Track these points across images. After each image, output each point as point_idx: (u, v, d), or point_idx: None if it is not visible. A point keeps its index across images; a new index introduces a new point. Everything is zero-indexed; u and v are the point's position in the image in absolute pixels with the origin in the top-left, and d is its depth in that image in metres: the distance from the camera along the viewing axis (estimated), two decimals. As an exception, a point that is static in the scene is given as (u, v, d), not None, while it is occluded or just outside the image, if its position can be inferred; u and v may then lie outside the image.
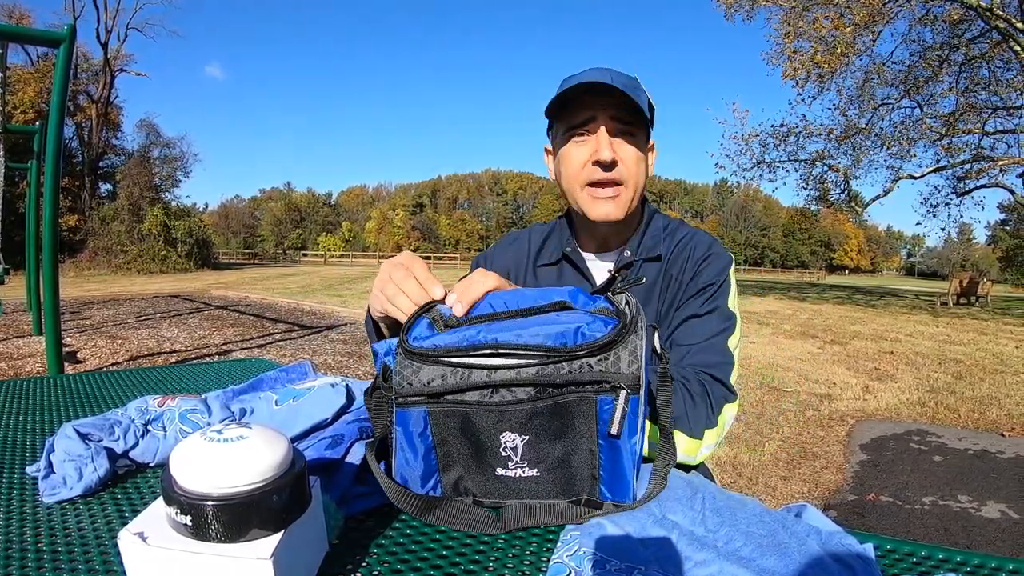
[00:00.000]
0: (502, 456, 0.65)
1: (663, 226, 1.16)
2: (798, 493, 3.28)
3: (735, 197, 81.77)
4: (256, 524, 0.45)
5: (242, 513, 0.45)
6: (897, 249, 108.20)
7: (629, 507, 0.65)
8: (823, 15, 14.81)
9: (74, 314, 9.50)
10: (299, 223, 73.87)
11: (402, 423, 0.65)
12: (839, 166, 18.05)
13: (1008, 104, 15.92)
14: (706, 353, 0.98)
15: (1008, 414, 4.93)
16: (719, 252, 1.09)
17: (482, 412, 0.63)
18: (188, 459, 0.46)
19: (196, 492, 0.44)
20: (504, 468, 0.65)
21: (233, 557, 0.44)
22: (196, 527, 0.45)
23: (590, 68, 1.03)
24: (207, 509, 0.44)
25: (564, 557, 0.58)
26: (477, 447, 0.65)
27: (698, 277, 1.06)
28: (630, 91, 0.98)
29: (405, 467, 0.68)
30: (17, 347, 6.53)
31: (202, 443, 0.47)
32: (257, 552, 0.44)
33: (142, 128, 32.37)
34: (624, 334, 0.62)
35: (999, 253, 60.86)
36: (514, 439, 0.63)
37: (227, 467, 0.45)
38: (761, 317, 12.03)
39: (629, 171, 1.04)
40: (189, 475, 0.45)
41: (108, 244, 25.38)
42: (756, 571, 0.54)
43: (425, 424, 0.65)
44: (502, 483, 0.66)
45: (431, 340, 0.64)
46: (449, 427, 0.64)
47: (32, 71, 26.80)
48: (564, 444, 0.64)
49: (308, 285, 17.77)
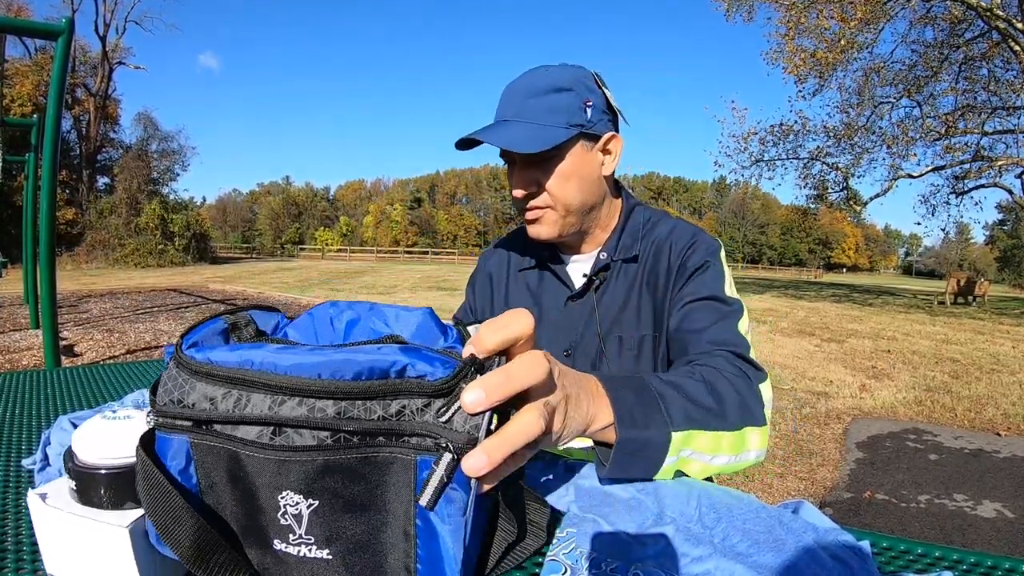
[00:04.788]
0: (281, 524, 0.48)
1: (643, 222, 1.12)
2: (794, 490, 3.29)
3: (733, 195, 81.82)
4: (131, 496, 0.49)
5: (117, 484, 0.49)
6: (895, 248, 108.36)
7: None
8: (826, 12, 14.80)
9: (71, 307, 9.49)
10: (297, 217, 73.86)
11: (161, 451, 0.48)
12: (838, 164, 18.07)
13: (1007, 104, 15.95)
14: (722, 333, 0.94)
15: (1004, 414, 4.95)
16: (704, 239, 1.06)
17: (257, 458, 0.46)
18: (81, 432, 0.52)
19: (81, 462, 0.50)
20: (283, 542, 0.48)
21: (100, 522, 0.48)
22: (81, 492, 0.50)
23: (513, 82, 1.03)
24: (89, 477, 0.49)
25: (560, 555, 0.57)
26: (251, 505, 0.48)
27: (685, 264, 1.03)
28: (534, 121, 0.98)
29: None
30: (14, 340, 6.52)
31: (97, 420, 0.53)
32: (119, 520, 0.48)
33: (140, 121, 32.41)
34: (466, 379, 0.45)
35: (996, 253, 61.08)
36: (297, 503, 0.47)
37: (108, 442, 0.50)
38: (758, 315, 12.05)
39: (553, 194, 1.02)
40: (78, 446, 0.51)
41: (105, 237, 25.38)
42: (753, 567, 0.54)
43: (188, 460, 0.48)
44: (280, 562, 0.49)
45: (208, 354, 0.48)
46: (217, 469, 0.48)
47: (30, 64, 26.73)
48: (369, 518, 0.48)
49: (305, 279, 17.77)
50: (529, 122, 0.98)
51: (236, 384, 0.46)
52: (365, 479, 0.46)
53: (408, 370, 0.45)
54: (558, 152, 1.00)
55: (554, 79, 1.00)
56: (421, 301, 11.95)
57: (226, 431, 0.47)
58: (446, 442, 0.44)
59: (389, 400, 0.45)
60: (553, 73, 1.01)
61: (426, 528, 0.47)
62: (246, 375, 0.46)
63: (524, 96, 1.00)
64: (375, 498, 0.47)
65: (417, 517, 0.47)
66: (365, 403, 0.45)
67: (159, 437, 0.48)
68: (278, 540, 0.48)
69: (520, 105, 1.00)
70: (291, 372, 0.45)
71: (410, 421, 0.45)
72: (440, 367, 0.45)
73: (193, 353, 0.48)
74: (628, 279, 1.09)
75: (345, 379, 0.45)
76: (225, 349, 0.48)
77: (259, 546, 0.49)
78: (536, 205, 1.05)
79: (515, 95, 1.01)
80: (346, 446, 0.45)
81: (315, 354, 0.46)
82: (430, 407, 0.45)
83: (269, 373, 0.45)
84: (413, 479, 0.46)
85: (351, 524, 0.48)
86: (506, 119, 1.01)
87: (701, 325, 0.95)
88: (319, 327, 0.55)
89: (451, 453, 0.44)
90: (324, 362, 0.45)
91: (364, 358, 0.45)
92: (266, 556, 0.49)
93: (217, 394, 0.46)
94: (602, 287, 1.10)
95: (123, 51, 32.17)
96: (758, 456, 0.80)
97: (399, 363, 0.45)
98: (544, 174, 1.02)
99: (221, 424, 0.47)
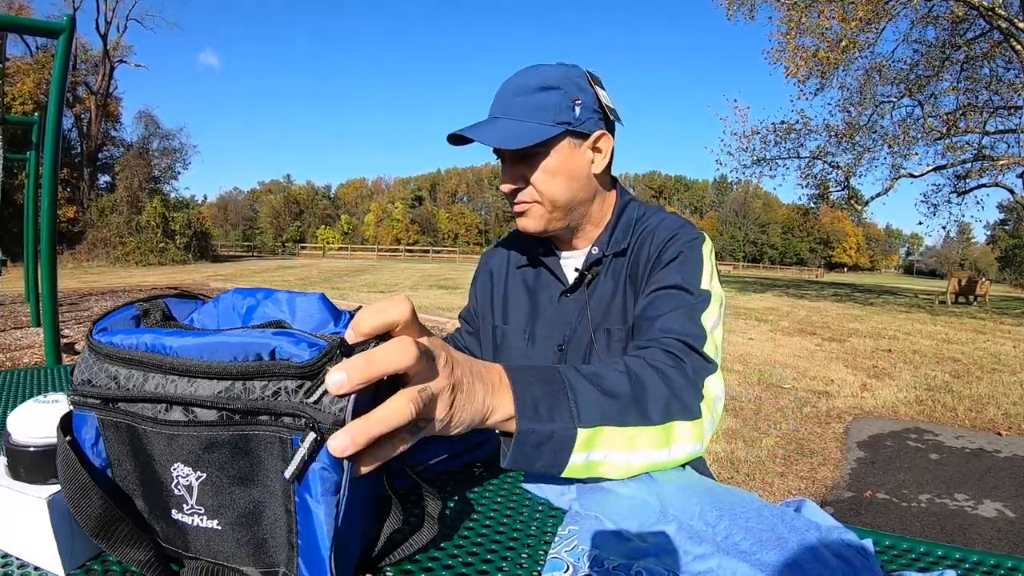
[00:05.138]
0: (175, 495, 0.51)
1: (636, 217, 1.13)
2: (795, 489, 3.28)
3: (734, 194, 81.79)
4: (52, 473, 0.53)
5: (37, 461, 0.54)
6: (896, 248, 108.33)
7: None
8: (827, 12, 14.79)
9: (72, 305, 9.50)
10: (298, 216, 73.91)
11: (77, 427, 0.53)
12: (840, 164, 18.06)
13: (1008, 103, 15.93)
14: (675, 321, 0.92)
15: (1005, 413, 4.95)
16: (687, 232, 1.06)
17: (151, 432, 0.50)
18: (15, 414, 0.56)
19: (13, 440, 0.54)
20: (179, 512, 0.52)
21: (22, 493, 0.53)
22: (11, 468, 0.55)
23: (507, 80, 1.06)
24: (18, 454, 0.54)
25: (562, 552, 0.57)
26: (151, 476, 0.52)
27: (661, 256, 1.03)
28: (519, 119, 1.01)
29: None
30: (15, 338, 6.53)
31: (31, 404, 0.57)
32: (40, 493, 0.52)
33: (141, 120, 32.41)
34: (332, 360, 0.48)
35: (998, 253, 60.99)
36: (188, 475, 0.50)
37: (35, 423, 0.54)
38: (759, 314, 12.04)
39: (539, 189, 1.06)
40: (12, 427, 0.55)
41: (106, 236, 25.38)
42: (756, 565, 0.54)
43: (97, 435, 0.53)
44: (180, 532, 0.52)
45: (111, 337, 0.52)
46: (120, 444, 0.52)
47: (31, 62, 26.74)
48: (252, 493, 0.50)
49: (306, 278, 17.77)
50: (516, 119, 1.02)
51: (133, 364, 0.50)
52: (247, 455, 0.49)
53: (277, 352, 0.48)
54: (543, 149, 1.03)
55: (543, 78, 1.03)
56: (422, 299, 11.96)
57: (127, 408, 0.51)
58: (312, 422, 0.47)
59: (267, 381, 0.48)
60: (543, 72, 1.04)
61: (303, 505, 0.49)
62: (140, 356, 0.50)
63: (513, 94, 1.04)
64: (256, 473, 0.50)
65: (295, 494, 0.49)
66: (245, 383, 0.48)
67: (75, 415, 0.53)
68: (175, 510, 0.52)
69: (509, 103, 1.04)
70: (179, 354, 0.49)
71: (286, 402, 0.47)
72: (307, 349, 0.48)
73: (100, 337, 0.52)
74: (616, 273, 1.10)
75: (222, 361, 0.48)
76: (124, 333, 0.52)
77: (161, 516, 0.53)
78: (523, 199, 1.09)
79: (506, 93, 1.05)
80: (228, 423, 0.48)
81: (199, 337, 0.50)
82: (302, 388, 0.48)
83: (159, 355, 0.50)
84: (289, 457, 0.48)
85: (236, 497, 0.50)
86: (496, 116, 1.04)
87: (657, 313, 0.95)
88: (222, 314, 0.57)
89: (315, 432, 0.47)
90: (204, 344, 0.49)
91: (237, 340, 0.49)
92: (169, 526, 0.53)
93: (120, 374, 0.51)
94: (594, 282, 1.12)
95: (124, 49, 32.19)
96: (693, 450, 0.77)
97: (268, 345, 0.48)
98: (530, 169, 1.05)
99: (124, 402, 0.51)
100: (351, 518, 0.52)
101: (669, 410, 0.75)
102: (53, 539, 0.52)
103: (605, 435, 0.68)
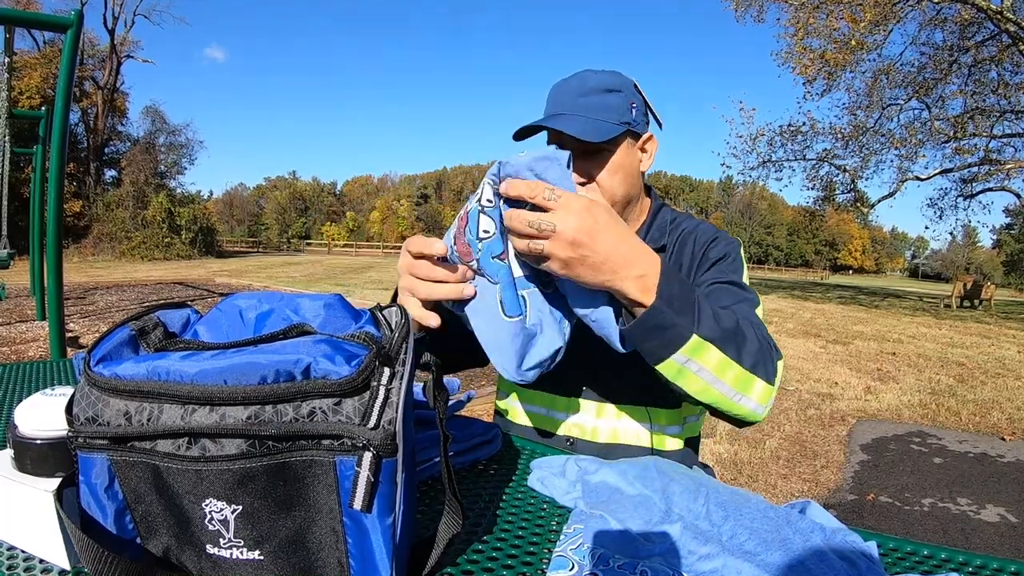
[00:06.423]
0: (210, 530, 0.48)
1: (670, 219, 1.20)
2: (798, 491, 3.28)
3: (740, 195, 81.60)
4: (57, 465, 0.53)
5: (44, 453, 0.53)
6: (901, 250, 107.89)
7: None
8: (835, 14, 14.74)
9: (78, 300, 9.52)
10: (303, 212, 73.94)
11: (85, 472, 0.48)
12: (846, 166, 18.01)
13: (1016, 108, 15.86)
14: (744, 312, 0.97)
15: (1009, 418, 4.93)
16: (726, 236, 1.15)
17: (175, 469, 0.46)
18: (22, 407, 0.55)
19: (20, 433, 0.54)
20: (215, 546, 0.48)
21: (29, 487, 0.52)
22: (17, 460, 0.54)
23: (563, 82, 1.10)
24: (25, 447, 0.54)
25: (567, 551, 0.58)
26: (178, 513, 0.48)
27: (708, 254, 1.11)
28: (590, 116, 1.05)
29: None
30: (20, 332, 6.55)
31: (37, 397, 0.56)
32: (46, 486, 0.51)
33: (148, 115, 32.45)
34: (374, 373, 0.46)
35: (1003, 257, 60.74)
36: (222, 509, 0.47)
37: (42, 416, 0.54)
38: (764, 315, 12.00)
39: (602, 185, 1.09)
40: (19, 419, 0.54)
41: (112, 230, 25.47)
42: (760, 565, 0.54)
43: (111, 477, 0.48)
44: (216, 566, 0.50)
45: (115, 368, 0.47)
46: (140, 483, 0.48)
47: (39, 56, 26.79)
48: (295, 519, 0.48)
49: (311, 274, 17.80)
50: (586, 117, 1.05)
51: (146, 397, 0.46)
52: (285, 482, 0.47)
53: (312, 369, 0.45)
54: (611, 146, 1.08)
55: (604, 81, 1.08)
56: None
57: (143, 446, 0.47)
58: (363, 441, 0.45)
59: (299, 402, 0.45)
60: (602, 76, 1.09)
61: (354, 524, 0.47)
62: (154, 387, 0.46)
63: (577, 95, 1.08)
64: (297, 500, 0.47)
65: (343, 515, 0.47)
66: (275, 406, 0.45)
67: (81, 457, 0.48)
68: (210, 545, 0.48)
69: (574, 102, 1.07)
70: (197, 380, 0.45)
71: (323, 422, 0.45)
72: (344, 363, 0.46)
73: (101, 369, 0.48)
74: None
75: (251, 384, 0.45)
76: (131, 362, 0.48)
77: (194, 551, 0.49)
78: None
79: (568, 93, 1.08)
80: (261, 452, 0.45)
81: (219, 359, 0.46)
82: (341, 406, 0.45)
83: (176, 383, 0.45)
84: (334, 479, 0.46)
85: (277, 526, 0.48)
86: (562, 113, 1.07)
87: (726, 303, 0.99)
88: (228, 322, 0.55)
89: (370, 451, 0.45)
90: (228, 367, 0.45)
91: (266, 360, 0.45)
92: (202, 560, 0.50)
93: (131, 409, 0.46)
94: None
95: (131, 44, 32.22)
96: (755, 409, 0.83)
97: (302, 362, 0.45)
98: (597, 166, 1.09)
99: (138, 440, 0.47)
100: (405, 528, 0.50)
101: (756, 363, 0.82)
102: (59, 532, 0.52)
103: (708, 352, 0.76)
